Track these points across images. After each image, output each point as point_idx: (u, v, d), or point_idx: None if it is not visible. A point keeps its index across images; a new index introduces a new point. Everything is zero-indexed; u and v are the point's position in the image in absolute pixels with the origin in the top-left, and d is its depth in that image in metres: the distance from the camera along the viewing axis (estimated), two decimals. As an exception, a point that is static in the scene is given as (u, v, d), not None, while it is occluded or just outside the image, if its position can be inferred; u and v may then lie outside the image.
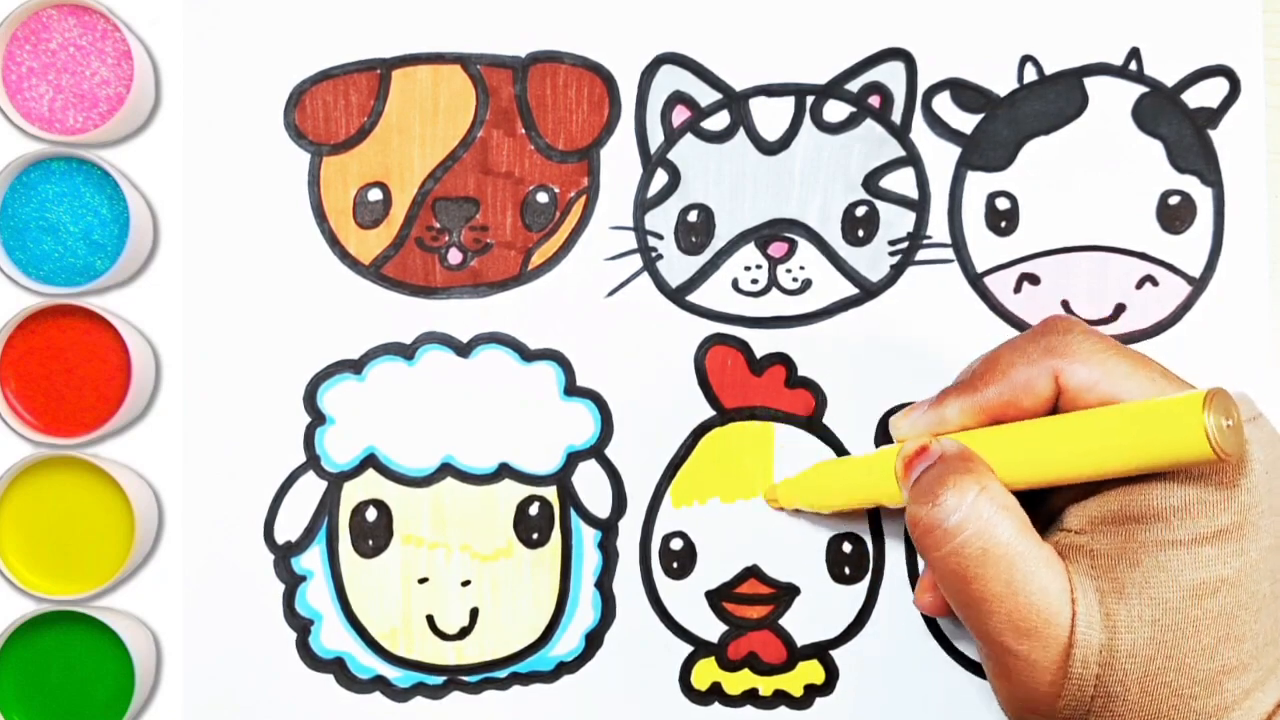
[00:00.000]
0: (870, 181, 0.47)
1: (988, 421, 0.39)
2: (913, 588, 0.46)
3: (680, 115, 0.47)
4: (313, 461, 0.46)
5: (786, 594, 0.46)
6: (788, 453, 0.46)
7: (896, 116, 0.47)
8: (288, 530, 0.46)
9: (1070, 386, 0.37)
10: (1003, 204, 0.47)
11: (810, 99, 0.47)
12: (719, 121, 0.47)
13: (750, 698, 0.46)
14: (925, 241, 0.47)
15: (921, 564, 0.46)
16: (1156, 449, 0.35)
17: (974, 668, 0.46)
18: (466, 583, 0.46)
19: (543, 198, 0.47)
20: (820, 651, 0.46)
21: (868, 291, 0.47)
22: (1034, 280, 0.47)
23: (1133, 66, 0.47)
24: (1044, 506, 0.40)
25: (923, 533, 0.37)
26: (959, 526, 0.36)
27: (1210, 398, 0.34)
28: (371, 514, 0.46)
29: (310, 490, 0.46)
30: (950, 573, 0.37)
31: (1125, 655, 0.35)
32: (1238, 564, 0.35)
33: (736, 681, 0.46)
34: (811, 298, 0.47)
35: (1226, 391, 0.34)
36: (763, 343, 0.47)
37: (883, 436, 0.46)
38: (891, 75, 0.47)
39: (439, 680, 0.46)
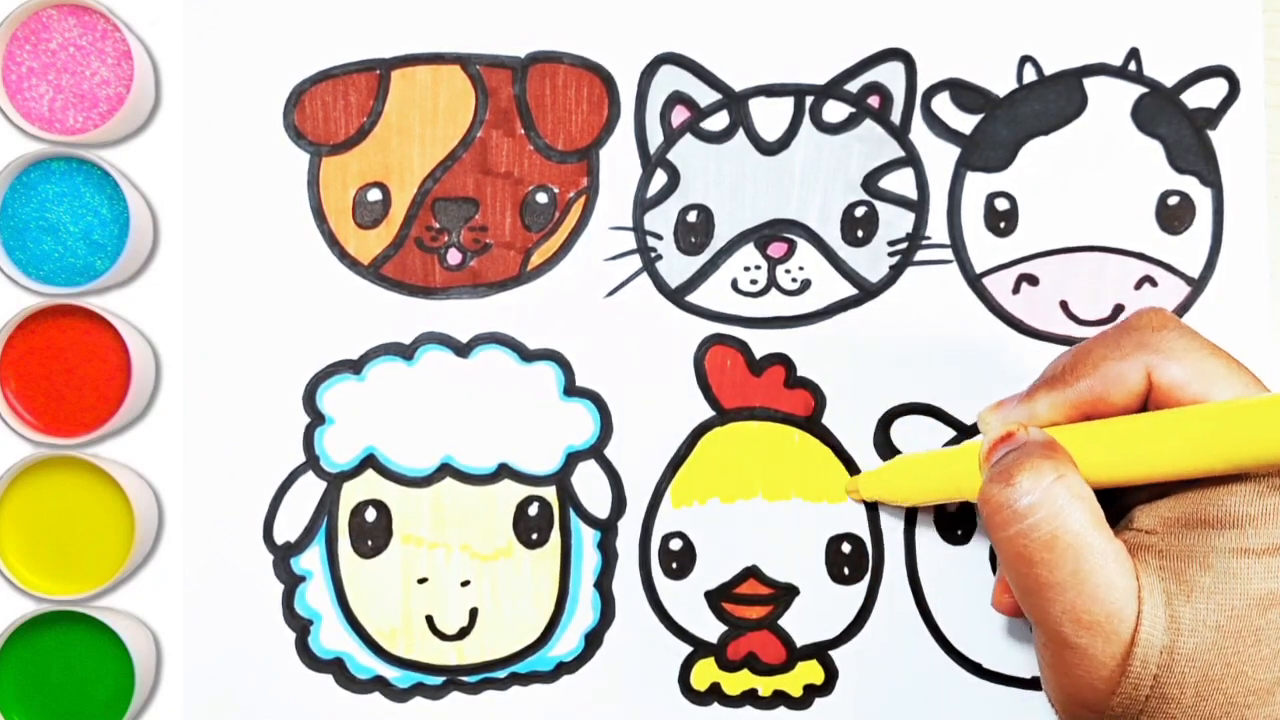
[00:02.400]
0: (869, 182, 0.47)
1: (1078, 416, 0.39)
2: (912, 588, 0.46)
3: (680, 115, 0.47)
4: (312, 461, 0.46)
5: (786, 594, 0.46)
6: (787, 453, 0.46)
7: (896, 117, 0.47)
8: (287, 530, 0.46)
9: (1163, 383, 0.37)
10: (1002, 204, 0.47)
11: (810, 99, 0.47)
12: (718, 122, 0.47)
13: (749, 698, 0.46)
14: (924, 242, 0.47)
15: (922, 565, 0.46)
16: (1246, 449, 0.34)
17: (973, 668, 0.46)
18: (466, 583, 0.46)
19: (542, 198, 0.47)
20: (819, 652, 0.46)
21: (867, 292, 0.47)
22: (1033, 281, 0.47)
23: (1132, 67, 0.47)
24: (1114, 506, 0.39)
25: (992, 510, 0.36)
26: (1030, 509, 0.35)
27: None
28: (371, 514, 0.46)
29: (310, 490, 0.46)
30: (1015, 554, 0.36)
31: (1186, 659, 0.35)
32: None
33: (736, 682, 0.46)
34: (811, 298, 0.47)
35: None
36: (762, 343, 0.47)
37: (882, 437, 0.46)
38: (891, 75, 0.47)
39: (438, 680, 0.46)
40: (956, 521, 0.46)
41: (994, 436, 0.39)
